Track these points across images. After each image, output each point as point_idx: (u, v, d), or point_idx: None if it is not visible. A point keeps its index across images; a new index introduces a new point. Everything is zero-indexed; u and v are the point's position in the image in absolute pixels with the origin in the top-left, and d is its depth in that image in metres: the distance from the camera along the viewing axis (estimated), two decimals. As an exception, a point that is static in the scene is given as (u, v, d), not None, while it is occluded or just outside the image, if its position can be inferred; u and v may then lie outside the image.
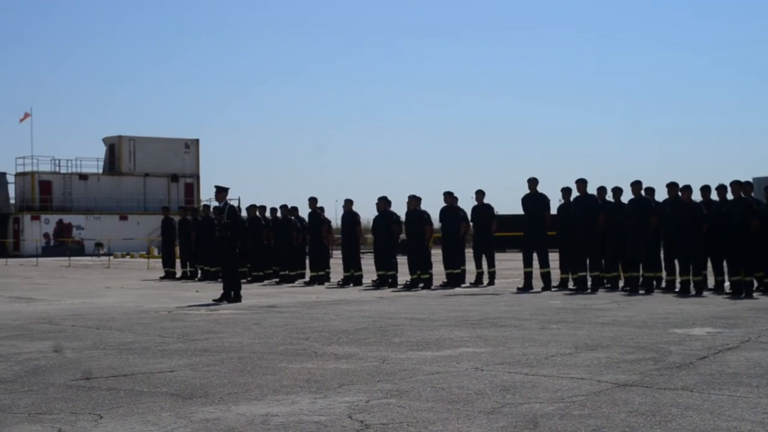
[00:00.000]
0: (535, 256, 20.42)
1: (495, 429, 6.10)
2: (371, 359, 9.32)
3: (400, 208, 23.08)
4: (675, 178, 19.91)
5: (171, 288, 23.40)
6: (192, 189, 72.16)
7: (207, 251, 26.34)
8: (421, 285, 21.47)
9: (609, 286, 19.65)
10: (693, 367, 8.55)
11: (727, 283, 18.45)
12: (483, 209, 22.42)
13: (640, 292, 18.54)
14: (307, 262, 25.43)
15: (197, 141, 73.12)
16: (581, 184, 19.72)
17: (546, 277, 20.03)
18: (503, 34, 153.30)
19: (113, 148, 70.29)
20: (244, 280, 22.82)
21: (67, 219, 66.06)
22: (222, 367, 8.95)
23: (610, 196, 19.63)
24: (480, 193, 22.30)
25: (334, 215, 49.10)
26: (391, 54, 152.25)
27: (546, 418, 6.36)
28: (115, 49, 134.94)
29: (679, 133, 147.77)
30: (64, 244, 63.41)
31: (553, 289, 19.78)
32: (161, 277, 28.63)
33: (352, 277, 23.32)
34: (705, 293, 18.01)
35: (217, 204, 19.41)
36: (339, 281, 23.57)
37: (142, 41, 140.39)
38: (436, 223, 23.44)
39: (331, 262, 25.10)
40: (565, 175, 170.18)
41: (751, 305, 15.32)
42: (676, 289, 18.55)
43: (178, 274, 28.61)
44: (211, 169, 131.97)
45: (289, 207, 25.53)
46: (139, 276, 31.06)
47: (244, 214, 25.37)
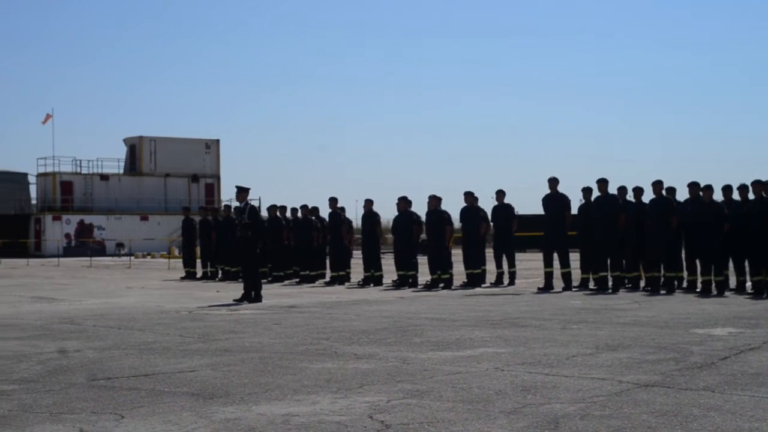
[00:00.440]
0: (555, 256, 20.39)
1: (516, 429, 6.09)
2: (392, 359, 9.32)
3: (420, 208, 23.11)
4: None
5: (192, 288, 23.47)
6: (213, 189, 72.25)
7: (228, 251, 26.38)
8: (442, 285, 21.45)
9: (630, 286, 19.60)
10: (714, 367, 8.52)
11: (748, 283, 18.37)
12: (503, 209, 22.38)
13: (661, 292, 18.48)
14: (327, 262, 25.46)
15: (218, 141, 73.20)
16: (602, 183, 19.66)
17: (567, 277, 19.99)
18: (512, 38, 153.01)
19: (134, 148, 70.44)
20: (265, 280, 22.84)
21: (88, 219, 66.28)
22: (243, 367, 8.97)
23: (630, 196, 19.60)
24: (500, 193, 22.27)
25: (354, 215, 49.14)
26: (415, 54, 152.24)
27: (567, 419, 6.35)
28: (136, 50, 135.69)
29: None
30: (86, 245, 63.63)
31: (573, 289, 19.74)
32: (182, 278, 28.70)
33: (373, 278, 23.32)
34: (726, 293, 17.94)
35: (237, 204, 19.47)
36: (359, 281, 23.58)
37: (162, 42, 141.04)
38: (457, 223, 23.42)
39: (352, 262, 25.10)
40: (586, 176, 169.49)
41: (773, 305, 15.26)
42: (698, 289, 18.48)
43: (199, 274, 28.67)
44: (232, 170, 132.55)
45: (309, 207, 25.55)
46: (159, 276, 31.17)
47: (265, 214, 25.42)
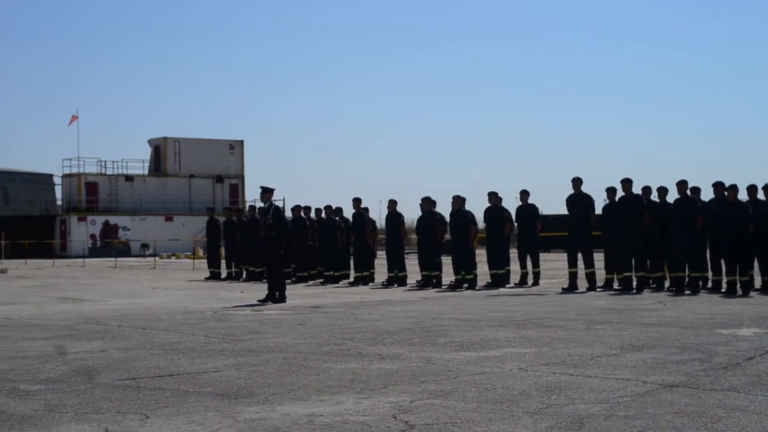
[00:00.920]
0: (579, 256, 20.34)
1: (540, 430, 6.08)
2: (416, 360, 9.33)
3: (444, 209, 23.09)
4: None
5: (216, 288, 23.54)
6: (237, 190, 72.50)
7: (252, 252, 26.44)
8: (466, 285, 21.42)
9: (654, 286, 19.52)
10: (740, 367, 8.48)
11: (774, 284, 18.27)
12: (528, 209, 22.30)
13: (686, 292, 18.40)
14: (351, 262, 25.49)
15: (242, 142, 73.44)
16: (626, 183, 19.57)
17: (591, 277, 19.93)
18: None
19: (158, 149, 70.76)
20: (289, 281, 22.90)
21: (113, 220, 66.62)
22: (267, 367, 9.00)
23: (655, 196, 19.53)
24: (524, 193, 22.20)
25: (378, 216, 49.13)
26: (437, 55, 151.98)
27: (591, 419, 6.34)
28: (161, 52, 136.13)
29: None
30: (111, 245, 63.92)
31: (598, 289, 19.68)
32: (206, 278, 28.80)
33: (397, 278, 23.33)
34: (752, 293, 17.85)
35: (262, 205, 19.51)
36: (383, 282, 23.59)
37: (187, 43, 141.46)
38: (481, 224, 23.39)
39: (376, 262, 25.12)
40: (610, 176, 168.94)
41: (799, 306, 15.17)
42: (723, 290, 18.39)
43: (223, 274, 28.75)
44: (256, 170, 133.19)
45: (333, 207, 25.59)
46: (184, 277, 31.29)
47: (289, 214, 25.47)
